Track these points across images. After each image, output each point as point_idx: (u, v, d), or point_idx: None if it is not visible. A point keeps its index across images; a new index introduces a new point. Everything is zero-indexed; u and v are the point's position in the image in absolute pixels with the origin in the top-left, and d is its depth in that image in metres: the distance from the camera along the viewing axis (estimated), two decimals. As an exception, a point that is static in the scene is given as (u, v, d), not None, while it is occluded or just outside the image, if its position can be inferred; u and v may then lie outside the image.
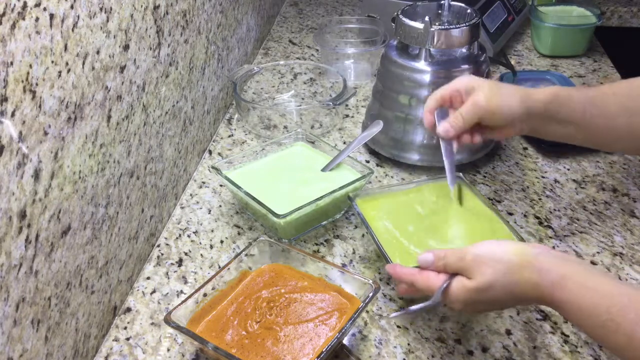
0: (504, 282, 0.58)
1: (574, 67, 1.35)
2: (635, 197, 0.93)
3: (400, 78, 0.96)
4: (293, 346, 0.65)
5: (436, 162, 0.97)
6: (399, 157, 1.00)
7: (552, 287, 0.55)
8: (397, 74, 0.97)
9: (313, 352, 0.64)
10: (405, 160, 0.99)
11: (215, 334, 0.67)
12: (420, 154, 0.98)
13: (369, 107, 1.07)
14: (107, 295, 0.72)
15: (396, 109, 0.98)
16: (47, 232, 0.57)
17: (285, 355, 0.64)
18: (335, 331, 0.66)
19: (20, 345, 0.55)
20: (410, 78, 0.95)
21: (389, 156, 1.01)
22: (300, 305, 0.70)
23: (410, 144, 0.98)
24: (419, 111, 0.96)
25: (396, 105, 0.98)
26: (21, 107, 0.52)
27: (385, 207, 0.81)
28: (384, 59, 1.00)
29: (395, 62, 0.97)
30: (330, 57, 1.32)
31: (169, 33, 0.86)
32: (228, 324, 0.68)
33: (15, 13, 0.50)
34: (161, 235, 0.87)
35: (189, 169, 0.99)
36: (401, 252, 0.74)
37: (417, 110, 0.96)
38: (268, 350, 0.65)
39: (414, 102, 0.96)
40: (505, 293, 0.58)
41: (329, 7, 1.74)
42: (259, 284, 0.73)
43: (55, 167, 0.58)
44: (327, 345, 0.63)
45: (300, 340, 0.66)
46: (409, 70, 0.95)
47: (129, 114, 0.74)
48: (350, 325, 0.65)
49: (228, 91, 1.19)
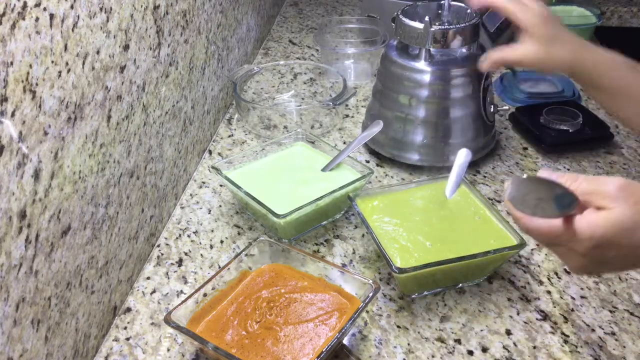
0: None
1: (574, 67, 1.35)
2: (635, 197, 0.93)
3: (400, 78, 0.97)
4: (293, 346, 0.65)
5: (436, 162, 0.98)
6: (399, 157, 1.00)
7: None
8: (397, 74, 0.97)
9: (313, 352, 0.64)
10: (405, 160, 0.99)
11: (215, 334, 0.67)
12: (420, 154, 0.98)
13: (369, 107, 1.07)
14: (107, 295, 0.72)
15: (396, 108, 0.98)
16: (47, 232, 0.57)
17: (285, 355, 0.64)
18: (335, 331, 0.66)
19: (20, 345, 0.55)
20: (410, 78, 0.95)
21: (389, 156, 1.01)
22: (300, 305, 0.70)
23: (410, 144, 0.98)
24: (419, 111, 0.96)
25: (396, 105, 0.98)
26: (21, 107, 0.52)
27: (386, 207, 0.82)
28: (384, 59, 1.00)
29: (395, 62, 0.97)
30: (330, 57, 1.32)
31: (169, 33, 0.86)
32: (228, 324, 0.68)
33: (15, 13, 0.50)
34: (161, 235, 0.87)
35: (189, 169, 0.99)
36: (401, 252, 0.74)
37: (417, 110, 0.96)
38: (268, 350, 0.65)
39: (414, 102, 0.96)
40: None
41: (329, 7, 1.74)
42: (259, 284, 0.73)
43: (55, 167, 0.58)
44: (327, 345, 0.63)
45: (300, 340, 0.66)
46: (408, 70, 0.95)
47: (129, 114, 0.74)
48: (350, 325, 0.65)
49: (228, 91, 1.19)
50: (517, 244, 0.73)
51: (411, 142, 0.98)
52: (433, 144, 0.97)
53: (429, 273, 0.71)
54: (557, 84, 1.22)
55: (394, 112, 0.98)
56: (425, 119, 0.96)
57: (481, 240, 0.75)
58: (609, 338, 0.70)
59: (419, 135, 0.97)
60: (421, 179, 0.89)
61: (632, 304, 0.75)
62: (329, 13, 1.70)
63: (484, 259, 0.72)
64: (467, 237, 0.76)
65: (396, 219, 0.79)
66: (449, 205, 0.82)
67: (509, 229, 0.76)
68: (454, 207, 0.81)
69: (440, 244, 0.75)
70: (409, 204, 0.83)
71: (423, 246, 0.75)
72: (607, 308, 0.74)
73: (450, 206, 0.82)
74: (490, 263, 0.75)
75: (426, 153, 0.98)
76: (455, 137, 0.97)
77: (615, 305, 0.75)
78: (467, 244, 0.74)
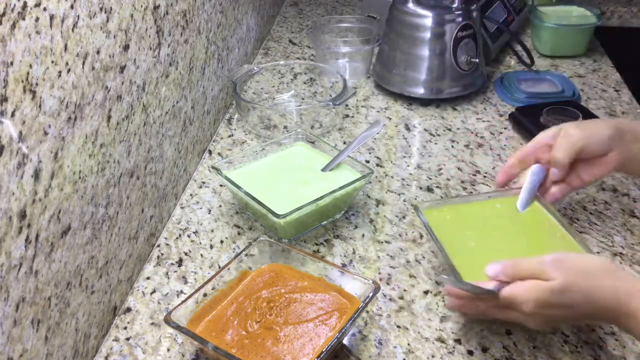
0: (583, 285, 0.55)
1: (574, 67, 1.35)
2: (635, 197, 0.93)
3: (403, 23, 1.18)
4: (293, 346, 0.65)
5: (434, 95, 1.19)
6: (407, 92, 1.19)
7: (628, 295, 0.54)
8: (400, 19, 1.18)
9: (313, 352, 0.64)
10: (412, 94, 1.19)
11: (215, 334, 0.67)
12: (425, 88, 1.18)
13: (379, 52, 1.25)
14: (107, 295, 0.72)
15: (402, 49, 1.18)
16: (47, 232, 0.57)
17: (285, 355, 0.64)
18: (335, 331, 0.66)
19: (20, 345, 0.55)
20: (405, 22, 1.17)
21: (398, 91, 1.20)
22: (300, 305, 0.70)
23: (415, 79, 1.18)
24: (420, 50, 1.16)
25: (402, 46, 1.18)
26: (21, 107, 0.52)
27: (454, 220, 0.79)
28: (391, 8, 1.21)
29: (398, 9, 1.19)
30: (324, 56, 1.32)
31: (169, 33, 0.86)
32: (228, 324, 0.68)
33: (15, 13, 0.50)
34: (161, 235, 0.87)
35: (189, 169, 0.99)
36: (468, 266, 0.70)
37: (419, 50, 1.17)
38: (268, 350, 0.65)
39: (417, 42, 1.16)
40: (583, 296, 0.55)
41: (329, 7, 1.74)
42: (259, 284, 0.73)
43: (55, 167, 0.58)
44: (327, 345, 0.63)
45: (300, 340, 0.66)
46: (405, 14, 1.17)
47: (129, 114, 0.74)
48: (351, 325, 0.65)
49: (228, 91, 1.19)
50: None
51: (417, 78, 1.18)
52: (434, 79, 1.17)
53: None
54: (557, 84, 1.22)
55: (401, 52, 1.18)
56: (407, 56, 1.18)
57: None
58: (609, 338, 0.70)
59: (423, 74, 1.18)
60: (491, 192, 0.87)
61: (632, 304, 0.75)
62: (329, 13, 1.70)
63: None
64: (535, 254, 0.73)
65: (467, 233, 0.76)
66: (520, 219, 0.79)
67: (585, 248, 0.72)
68: (527, 222, 0.78)
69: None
70: (479, 217, 0.79)
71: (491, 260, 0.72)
72: (607, 308, 0.74)
73: (522, 221, 0.78)
74: None
75: (428, 87, 1.18)
76: (422, 73, 1.17)
77: (615, 305, 0.75)
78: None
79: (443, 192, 0.95)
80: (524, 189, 0.80)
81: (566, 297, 0.56)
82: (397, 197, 0.94)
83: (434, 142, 1.08)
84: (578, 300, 0.56)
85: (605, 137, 0.75)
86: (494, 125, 1.13)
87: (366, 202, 0.93)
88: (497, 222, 0.79)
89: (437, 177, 0.99)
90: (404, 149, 1.07)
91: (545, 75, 1.26)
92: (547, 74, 1.27)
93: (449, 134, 1.11)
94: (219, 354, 0.63)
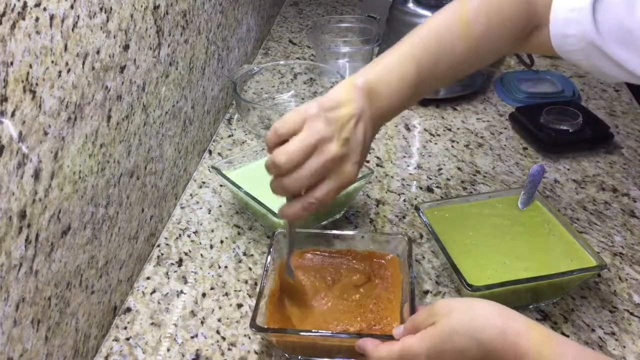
0: (469, 327, 0.54)
1: (574, 67, 1.35)
2: (635, 197, 0.93)
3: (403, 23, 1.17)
4: (378, 308, 0.70)
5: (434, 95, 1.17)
6: None
7: (517, 336, 0.52)
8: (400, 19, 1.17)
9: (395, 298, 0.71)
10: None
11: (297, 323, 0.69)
12: None
13: (379, 52, 1.21)
14: (107, 295, 0.72)
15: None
16: (47, 232, 0.57)
17: (378, 312, 0.69)
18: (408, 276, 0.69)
19: (20, 345, 0.55)
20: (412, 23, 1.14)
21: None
22: (348, 277, 0.74)
23: None
24: None
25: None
26: (21, 107, 0.52)
27: (455, 220, 0.79)
28: (391, 8, 1.22)
29: (398, 9, 1.19)
30: (324, 56, 1.32)
31: (169, 33, 0.86)
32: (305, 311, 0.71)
33: (15, 13, 0.50)
34: (161, 235, 0.87)
35: (189, 169, 0.99)
36: (471, 266, 0.72)
37: None
38: (356, 314, 0.69)
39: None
40: (469, 339, 0.53)
41: (329, 7, 1.74)
42: (307, 265, 0.76)
43: (55, 167, 0.58)
44: (411, 292, 0.67)
45: (375, 303, 0.71)
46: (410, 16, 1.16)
47: (129, 114, 0.74)
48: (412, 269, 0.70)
49: (228, 91, 1.19)
50: (597, 265, 0.71)
51: None
52: None
53: (504, 292, 0.68)
54: (557, 83, 1.22)
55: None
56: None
57: (554, 257, 0.73)
58: (609, 338, 0.70)
59: None
60: (491, 191, 0.88)
61: (632, 304, 0.75)
62: (329, 13, 1.70)
63: (563, 279, 0.69)
64: (543, 255, 0.73)
65: (468, 232, 0.77)
66: (521, 219, 0.79)
67: (586, 248, 0.73)
68: (528, 222, 0.79)
69: (517, 261, 0.73)
70: (480, 217, 0.80)
71: (498, 263, 0.72)
72: (607, 308, 0.74)
73: (523, 221, 0.79)
74: (568, 284, 0.72)
75: None
76: None
77: (615, 305, 0.75)
78: (544, 263, 0.72)
79: (443, 192, 0.95)
80: (524, 188, 0.80)
81: (454, 342, 0.54)
82: (397, 197, 0.94)
83: (434, 142, 1.08)
84: (466, 345, 0.54)
85: None
86: (494, 125, 1.13)
87: (366, 202, 0.93)
88: (497, 222, 0.80)
89: (437, 177, 0.99)
90: (404, 149, 1.07)
91: (545, 75, 1.26)
92: (547, 73, 1.27)
93: (449, 134, 1.11)
94: (329, 338, 0.65)
